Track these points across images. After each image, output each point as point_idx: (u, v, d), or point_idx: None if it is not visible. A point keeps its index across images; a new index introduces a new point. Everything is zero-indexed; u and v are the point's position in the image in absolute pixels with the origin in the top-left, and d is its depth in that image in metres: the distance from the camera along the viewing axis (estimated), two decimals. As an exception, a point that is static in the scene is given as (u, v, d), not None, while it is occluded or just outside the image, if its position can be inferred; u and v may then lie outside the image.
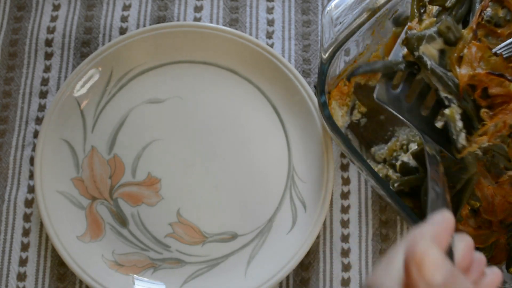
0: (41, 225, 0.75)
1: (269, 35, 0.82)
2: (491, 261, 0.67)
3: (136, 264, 0.72)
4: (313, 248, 0.74)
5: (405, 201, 0.69)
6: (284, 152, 0.76)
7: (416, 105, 0.64)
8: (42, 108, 0.79)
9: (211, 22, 0.83)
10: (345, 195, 0.76)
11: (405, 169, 0.69)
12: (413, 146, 0.70)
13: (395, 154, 0.73)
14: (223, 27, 0.79)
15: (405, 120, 0.63)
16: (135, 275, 0.72)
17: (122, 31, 0.83)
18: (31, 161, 0.77)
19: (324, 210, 0.71)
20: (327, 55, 0.68)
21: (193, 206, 0.74)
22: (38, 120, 0.79)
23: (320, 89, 0.67)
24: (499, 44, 0.57)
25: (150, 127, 0.77)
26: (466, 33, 0.58)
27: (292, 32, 0.82)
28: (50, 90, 0.80)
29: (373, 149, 0.75)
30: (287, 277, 0.73)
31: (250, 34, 0.82)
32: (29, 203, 0.76)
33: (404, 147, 0.72)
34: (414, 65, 0.61)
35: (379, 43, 0.77)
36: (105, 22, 0.83)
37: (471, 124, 0.58)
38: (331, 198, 0.75)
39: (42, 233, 0.75)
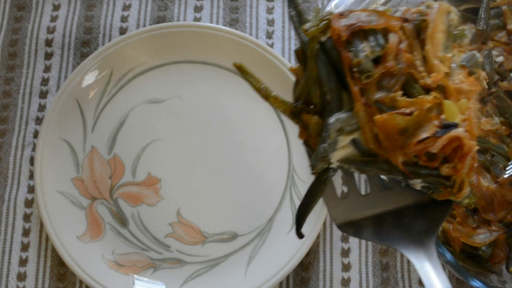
0: (41, 225, 0.75)
1: (269, 35, 0.83)
2: (491, 260, 0.68)
3: (136, 264, 0.72)
4: (313, 248, 0.74)
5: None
6: (284, 152, 0.76)
7: (379, 195, 0.50)
8: (42, 108, 0.79)
9: (211, 22, 0.83)
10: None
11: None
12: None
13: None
14: (223, 27, 0.79)
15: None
16: (135, 275, 0.72)
17: (122, 31, 0.83)
18: (31, 161, 0.77)
19: (324, 210, 0.71)
20: (327, 55, 0.68)
21: (193, 206, 0.74)
22: (38, 120, 0.79)
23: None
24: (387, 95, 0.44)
25: (150, 127, 0.77)
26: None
27: (292, 32, 0.83)
28: (50, 90, 0.80)
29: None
30: (287, 277, 0.73)
31: (250, 34, 0.82)
32: (29, 203, 0.76)
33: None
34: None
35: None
36: (105, 22, 0.83)
37: (440, 184, 0.46)
38: (331, 198, 0.75)
39: (42, 233, 0.75)
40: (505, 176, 0.67)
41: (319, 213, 0.71)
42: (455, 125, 0.42)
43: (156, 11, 0.84)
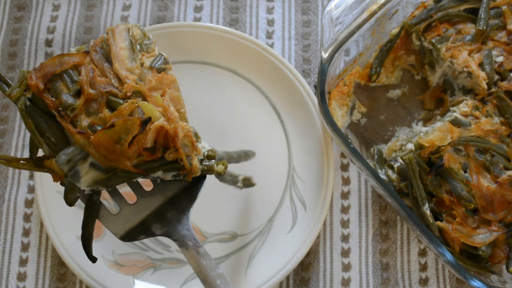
0: (41, 225, 0.75)
1: (269, 35, 0.83)
2: (490, 260, 0.68)
3: (136, 264, 0.72)
4: (313, 248, 0.74)
5: (405, 201, 0.69)
6: (284, 152, 0.76)
7: None
8: (42, 108, 0.79)
9: (211, 22, 0.83)
10: (345, 195, 0.76)
11: (403, 171, 0.69)
12: (410, 146, 0.70)
13: (394, 154, 0.73)
14: (223, 27, 0.79)
15: None
16: (135, 275, 0.72)
17: (122, 31, 0.83)
18: (31, 161, 0.77)
19: (324, 210, 0.72)
20: (327, 55, 0.68)
21: (193, 206, 0.74)
22: (38, 120, 0.79)
23: (320, 89, 0.67)
24: None
25: (150, 127, 0.77)
26: None
27: (292, 32, 0.83)
28: (50, 90, 0.80)
29: (372, 149, 0.75)
30: (287, 277, 0.73)
31: (250, 34, 0.82)
32: (29, 203, 0.76)
33: (404, 147, 0.72)
34: None
35: (379, 43, 0.77)
36: (105, 22, 0.83)
37: (175, 169, 0.55)
38: (331, 198, 0.75)
39: (42, 233, 0.75)
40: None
41: (319, 213, 0.71)
42: (149, 119, 0.49)
43: (156, 11, 0.84)
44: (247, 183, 0.68)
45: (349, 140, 0.67)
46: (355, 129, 0.77)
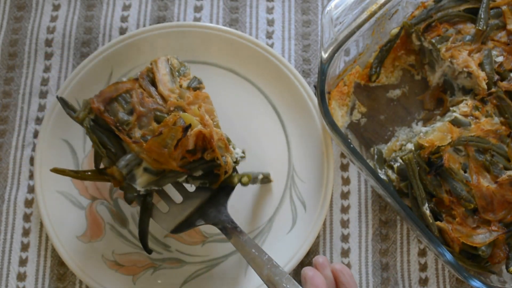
0: (41, 225, 0.75)
1: (269, 35, 0.83)
2: (490, 260, 0.68)
3: (136, 264, 0.72)
4: (313, 248, 0.74)
5: (405, 201, 0.69)
6: (284, 152, 0.76)
7: None
8: (42, 108, 0.79)
9: (211, 22, 0.83)
10: (345, 195, 0.76)
11: (403, 171, 0.69)
12: (410, 146, 0.70)
13: (394, 154, 0.73)
14: (223, 27, 0.79)
15: None
16: (135, 275, 0.72)
17: (122, 31, 0.83)
18: (31, 161, 0.77)
19: (324, 210, 0.72)
20: (327, 55, 0.68)
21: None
22: (38, 120, 0.79)
23: (320, 89, 0.67)
24: None
25: (150, 127, 0.77)
26: None
27: (292, 32, 0.83)
28: (50, 90, 0.80)
29: (372, 149, 0.75)
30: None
31: (250, 34, 0.82)
32: (29, 203, 0.76)
33: (403, 147, 0.72)
34: None
35: (378, 43, 0.77)
36: (105, 22, 0.83)
37: (212, 166, 0.66)
38: (331, 198, 0.75)
39: (42, 233, 0.75)
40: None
41: (318, 213, 0.71)
42: (189, 126, 0.62)
43: (156, 11, 0.84)
44: (266, 180, 0.74)
45: (349, 140, 0.67)
46: (355, 129, 0.77)
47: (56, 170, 0.66)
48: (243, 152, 0.69)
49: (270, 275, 0.61)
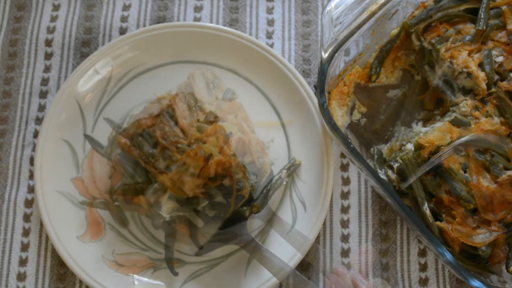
0: (41, 225, 0.75)
1: (269, 35, 0.83)
2: (490, 260, 0.68)
3: (136, 264, 0.72)
4: (313, 248, 0.74)
5: (405, 201, 0.69)
6: (284, 152, 0.76)
7: None
8: (42, 108, 0.79)
9: (211, 22, 0.83)
10: (345, 195, 0.76)
11: (403, 171, 0.69)
12: (410, 146, 0.70)
13: (394, 154, 0.73)
14: (223, 27, 0.79)
15: None
16: (135, 275, 0.72)
17: (122, 31, 0.83)
18: (31, 161, 0.77)
19: (324, 210, 0.72)
20: (327, 55, 0.68)
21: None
22: (38, 120, 0.79)
23: (320, 89, 0.67)
24: None
25: (150, 127, 0.77)
26: None
27: (292, 32, 0.83)
28: (50, 90, 0.80)
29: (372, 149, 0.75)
30: (287, 277, 0.73)
31: (250, 34, 0.82)
32: (29, 203, 0.76)
33: (403, 147, 0.72)
34: None
35: (378, 43, 0.77)
36: (105, 22, 0.83)
37: (230, 192, 0.70)
38: (331, 198, 0.75)
39: (42, 233, 0.75)
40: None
41: (318, 213, 0.71)
42: (211, 155, 0.68)
43: (156, 11, 0.84)
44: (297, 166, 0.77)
45: (349, 140, 0.67)
46: (355, 129, 0.77)
47: (84, 203, 0.73)
48: (257, 177, 0.72)
49: (295, 284, 0.68)
